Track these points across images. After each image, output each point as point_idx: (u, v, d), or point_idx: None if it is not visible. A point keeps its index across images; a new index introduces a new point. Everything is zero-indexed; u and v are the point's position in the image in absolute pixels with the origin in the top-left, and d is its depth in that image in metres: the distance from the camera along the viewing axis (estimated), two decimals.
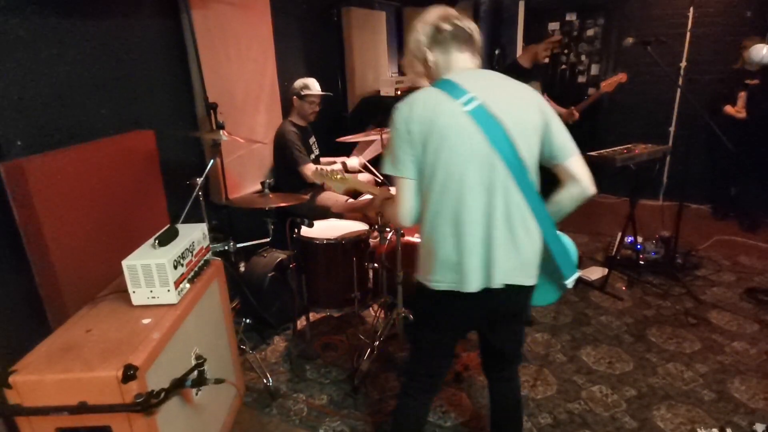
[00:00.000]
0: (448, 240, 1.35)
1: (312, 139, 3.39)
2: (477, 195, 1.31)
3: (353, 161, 3.39)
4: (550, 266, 1.44)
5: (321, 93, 3.22)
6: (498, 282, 1.34)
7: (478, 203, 1.32)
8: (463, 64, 1.41)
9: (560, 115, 3.77)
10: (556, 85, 5.41)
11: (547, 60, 3.59)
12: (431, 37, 1.40)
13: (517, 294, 1.42)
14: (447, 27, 1.38)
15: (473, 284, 1.34)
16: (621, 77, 3.58)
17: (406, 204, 1.40)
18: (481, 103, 1.30)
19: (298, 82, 3.19)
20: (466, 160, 1.30)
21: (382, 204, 1.73)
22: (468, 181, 1.30)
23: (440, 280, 1.38)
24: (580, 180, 1.38)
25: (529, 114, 1.35)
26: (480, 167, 1.30)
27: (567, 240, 1.49)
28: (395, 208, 1.43)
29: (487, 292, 1.36)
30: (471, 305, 1.42)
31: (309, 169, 3.14)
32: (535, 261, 1.40)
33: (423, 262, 1.44)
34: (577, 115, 3.67)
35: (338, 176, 1.93)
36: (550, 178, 1.45)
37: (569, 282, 1.47)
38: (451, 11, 1.42)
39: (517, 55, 3.72)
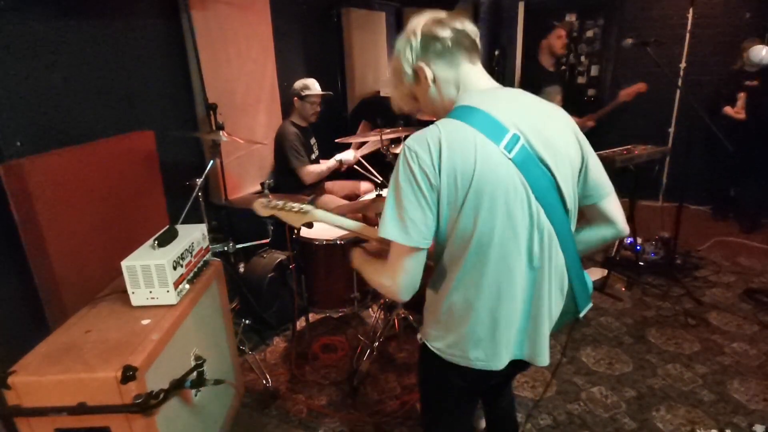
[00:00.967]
0: (484, 314, 1.10)
1: (313, 140, 3.39)
2: (525, 264, 1.07)
3: (348, 155, 3.33)
4: (567, 301, 1.23)
5: (321, 93, 3.22)
6: (544, 361, 1.16)
7: (524, 272, 1.08)
8: (479, 80, 1.11)
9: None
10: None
11: (563, 50, 3.45)
12: (425, 47, 1.08)
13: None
14: (445, 33, 1.07)
15: (506, 359, 1.14)
16: (640, 87, 3.46)
17: (409, 278, 1.08)
18: (525, 145, 1.02)
19: (299, 83, 3.19)
20: (514, 219, 1.02)
21: (361, 265, 1.32)
22: (516, 250, 1.05)
23: (475, 359, 1.13)
24: (615, 222, 1.19)
25: (570, 149, 1.09)
26: (528, 228, 1.05)
27: (585, 273, 1.30)
28: (392, 282, 1.10)
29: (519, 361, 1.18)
30: (508, 371, 1.19)
31: (306, 171, 3.13)
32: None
33: (454, 337, 1.15)
34: (592, 124, 3.54)
35: (294, 207, 1.52)
36: None
37: (582, 314, 1.27)
38: (442, 14, 1.10)
39: (539, 57, 3.56)
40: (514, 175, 1.01)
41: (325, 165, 3.24)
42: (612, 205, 1.18)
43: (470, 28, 1.11)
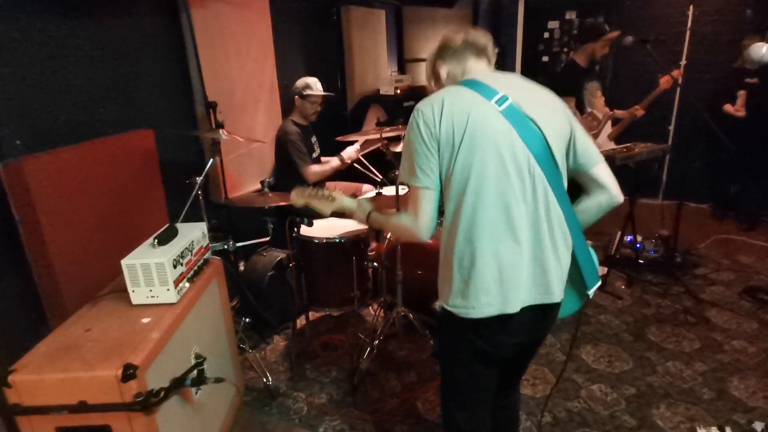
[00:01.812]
0: (488, 255, 1.19)
1: (313, 138, 3.39)
2: (521, 203, 1.20)
3: (349, 151, 3.32)
4: (575, 276, 1.33)
5: (323, 93, 3.21)
6: (557, 297, 1.24)
7: (523, 212, 1.20)
8: (479, 69, 1.35)
9: (621, 117, 3.57)
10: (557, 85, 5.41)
11: (605, 53, 3.34)
12: (443, 50, 1.36)
13: (558, 309, 1.32)
14: (457, 40, 1.34)
15: (517, 303, 1.21)
16: (675, 73, 3.26)
17: (426, 216, 1.26)
18: (513, 103, 1.22)
19: (300, 82, 3.18)
20: (506, 163, 1.18)
21: (381, 222, 1.47)
22: (510, 189, 1.18)
23: (486, 304, 1.21)
24: (608, 188, 1.31)
25: (558, 118, 1.27)
26: (520, 171, 1.19)
27: (591, 250, 1.38)
28: (413, 221, 1.28)
29: (542, 309, 1.25)
30: (527, 324, 1.27)
31: (310, 171, 3.12)
32: (566, 274, 1.30)
33: (452, 284, 1.25)
34: (642, 112, 3.39)
35: (325, 194, 1.63)
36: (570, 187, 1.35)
37: (591, 292, 1.36)
38: (465, 27, 1.40)
39: (573, 55, 3.46)
40: (505, 123, 1.20)
41: (329, 165, 3.24)
42: (603, 172, 1.32)
43: (480, 38, 1.35)
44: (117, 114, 2.25)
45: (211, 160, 2.46)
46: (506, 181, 1.18)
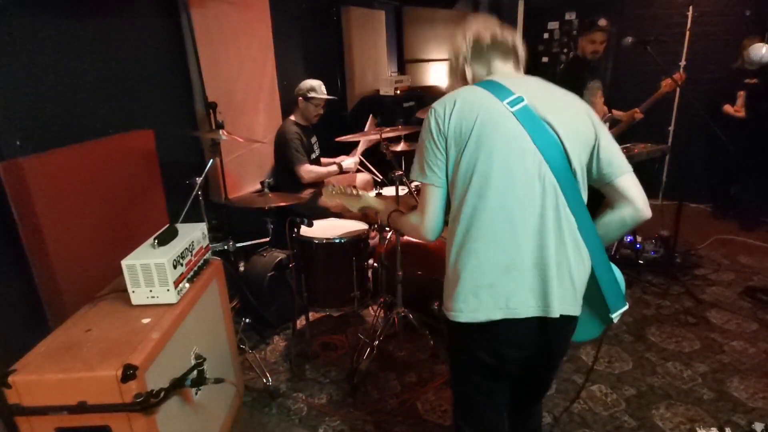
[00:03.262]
0: (482, 258, 1.15)
1: (314, 139, 3.39)
2: (527, 208, 1.13)
3: (349, 162, 3.35)
4: (595, 297, 1.23)
5: (328, 97, 3.23)
6: (556, 311, 1.13)
7: (527, 218, 1.13)
8: (504, 71, 1.30)
9: (619, 119, 3.54)
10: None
11: (596, 50, 3.27)
12: (471, 48, 1.29)
13: (569, 326, 1.22)
14: (487, 38, 1.28)
15: (524, 309, 1.14)
16: (678, 77, 3.26)
17: (432, 214, 1.26)
18: (528, 104, 1.17)
19: (305, 84, 3.18)
20: (512, 165, 1.14)
21: (396, 222, 1.48)
22: (515, 193, 1.13)
23: (474, 309, 1.15)
24: (633, 201, 1.20)
25: (580, 123, 1.20)
26: (527, 175, 1.14)
27: (615, 269, 1.28)
28: (420, 219, 1.28)
29: (541, 323, 1.16)
30: (525, 337, 1.18)
31: (305, 170, 3.13)
32: (584, 287, 1.21)
33: (447, 285, 1.22)
34: (641, 115, 3.36)
35: (353, 192, 1.69)
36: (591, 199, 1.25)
37: (615, 316, 1.24)
38: (493, 21, 1.33)
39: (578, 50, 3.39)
40: (516, 125, 1.15)
41: (326, 169, 3.25)
42: (629, 183, 1.21)
43: (509, 38, 1.31)
44: (117, 114, 2.25)
45: (211, 160, 2.46)
46: (511, 185, 1.14)
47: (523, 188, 1.14)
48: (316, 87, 3.18)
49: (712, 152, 4.40)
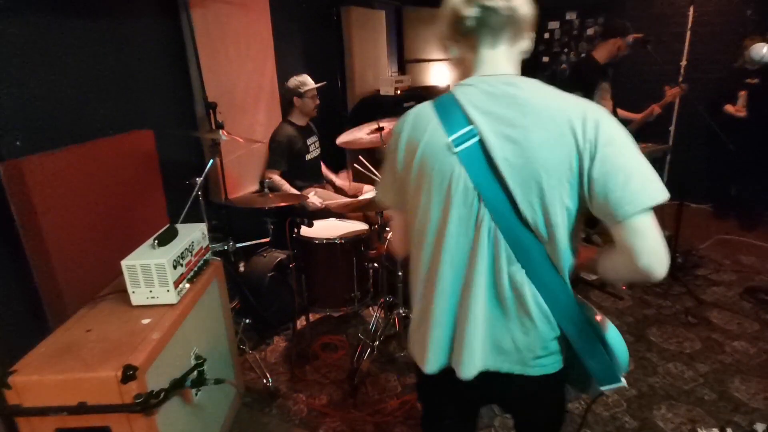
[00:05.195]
0: (415, 298, 1.12)
1: (312, 139, 3.38)
2: (456, 261, 1.01)
3: (315, 199, 3.13)
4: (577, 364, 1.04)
5: (318, 85, 3.22)
6: (467, 367, 1.01)
7: (454, 271, 1.01)
8: (491, 66, 1.01)
9: (632, 121, 3.55)
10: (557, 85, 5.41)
11: (625, 53, 3.26)
12: (452, 26, 1.02)
13: (522, 382, 1.06)
14: (470, 12, 0.97)
15: (432, 364, 1.07)
16: (679, 90, 3.37)
17: (395, 233, 1.24)
18: (482, 139, 0.95)
19: (293, 82, 3.18)
20: (447, 216, 0.99)
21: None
22: (445, 242, 1.00)
23: (415, 353, 1.14)
24: (637, 257, 0.89)
25: (556, 151, 0.91)
26: (463, 228, 0.99)
27: (614, 336, 1.03)
28: (392, 234, 1.27)
29: (483, 377, 1.04)
30: (461, 389, 1.08)
31: (273, 177, 3.03)
32: (537, 350, 1.03)
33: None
34: (659, 111, 3.34)
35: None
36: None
37: (607, 389, 1.04)
38: None
39: (594, 50, 3.34)
40: (457, 169, 0.97)
41: (290, 189, 3.09)
42: (632, 231, 0.89)
43: (501, 3, 0.96)
44: (117, 114, 2.24)
45: (211, 160, 2.46)
46: (445, 233, 1.00)
47: (454, 237, 0.99)
48: (304, 81, 3.17)
49: (713, 152, 4.40)
